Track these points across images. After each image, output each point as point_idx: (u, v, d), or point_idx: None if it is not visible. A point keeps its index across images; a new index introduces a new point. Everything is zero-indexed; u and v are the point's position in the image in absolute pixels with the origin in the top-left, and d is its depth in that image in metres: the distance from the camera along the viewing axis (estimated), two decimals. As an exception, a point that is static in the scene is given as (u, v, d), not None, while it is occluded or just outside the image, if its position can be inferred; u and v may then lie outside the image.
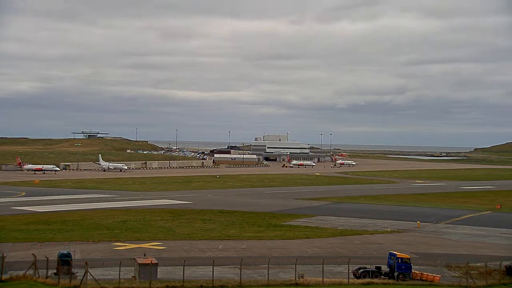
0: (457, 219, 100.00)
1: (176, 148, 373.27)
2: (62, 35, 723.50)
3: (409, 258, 53.59)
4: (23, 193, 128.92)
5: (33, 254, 49.90)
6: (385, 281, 50.68)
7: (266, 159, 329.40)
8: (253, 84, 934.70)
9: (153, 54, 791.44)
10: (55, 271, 46.90)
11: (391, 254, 54.20)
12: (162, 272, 51.09)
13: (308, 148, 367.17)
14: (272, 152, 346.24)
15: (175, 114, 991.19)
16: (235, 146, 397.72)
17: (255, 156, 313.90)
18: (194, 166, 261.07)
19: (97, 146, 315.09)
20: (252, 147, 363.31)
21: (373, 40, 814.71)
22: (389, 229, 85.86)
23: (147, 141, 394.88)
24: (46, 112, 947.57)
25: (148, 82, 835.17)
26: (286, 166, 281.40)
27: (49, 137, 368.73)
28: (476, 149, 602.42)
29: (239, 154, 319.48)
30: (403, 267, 52.48)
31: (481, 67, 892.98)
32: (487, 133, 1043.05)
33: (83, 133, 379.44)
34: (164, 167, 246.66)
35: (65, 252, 50.62)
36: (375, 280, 49.96)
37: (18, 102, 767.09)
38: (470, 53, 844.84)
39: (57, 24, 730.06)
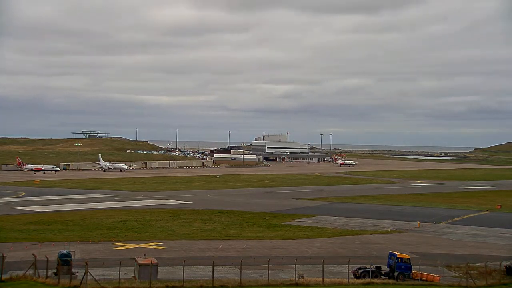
0: (457, 219, 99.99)
1: (176, 148, 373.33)
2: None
3: (409, 258, 53.61)
4: (23, 193, 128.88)
5: (33, 254, 49.92)
6: (385, 281, 50.72)
7: (266, 159, 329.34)
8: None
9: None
10: (55, 271, 46.91)
11: (391, 254, 54.21)
12: (162, 272, 51.08)
13: (308, 148, 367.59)
14: (272, 152, 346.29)
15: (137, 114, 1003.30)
16: (235, 146, 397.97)
17: (255, 156, 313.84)
18: (194, 166, 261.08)
19: (97, 146, 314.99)
20: (252, 147, 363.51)
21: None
22: (389, 229, 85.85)
23: (147, 141, 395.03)
24: (43, 113, 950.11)
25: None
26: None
27: (49, 137, 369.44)
28: (476, 149, 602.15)
29: (239, 154, 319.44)
30: (403, 267, 52.49)
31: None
32: (487, 132, 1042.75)
33: (83, 133, 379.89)
34: (164, 167, 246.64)
35: (65, 252, 50.61)
36: (375, 280, 50.00)
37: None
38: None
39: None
